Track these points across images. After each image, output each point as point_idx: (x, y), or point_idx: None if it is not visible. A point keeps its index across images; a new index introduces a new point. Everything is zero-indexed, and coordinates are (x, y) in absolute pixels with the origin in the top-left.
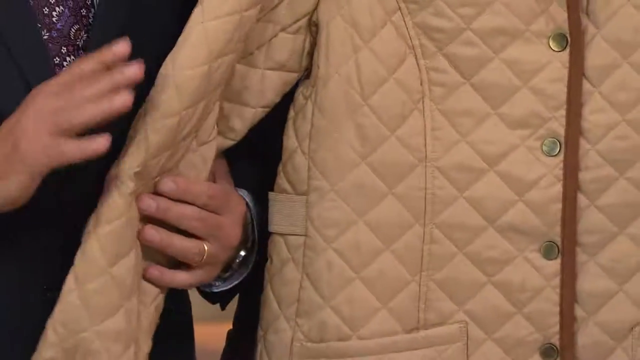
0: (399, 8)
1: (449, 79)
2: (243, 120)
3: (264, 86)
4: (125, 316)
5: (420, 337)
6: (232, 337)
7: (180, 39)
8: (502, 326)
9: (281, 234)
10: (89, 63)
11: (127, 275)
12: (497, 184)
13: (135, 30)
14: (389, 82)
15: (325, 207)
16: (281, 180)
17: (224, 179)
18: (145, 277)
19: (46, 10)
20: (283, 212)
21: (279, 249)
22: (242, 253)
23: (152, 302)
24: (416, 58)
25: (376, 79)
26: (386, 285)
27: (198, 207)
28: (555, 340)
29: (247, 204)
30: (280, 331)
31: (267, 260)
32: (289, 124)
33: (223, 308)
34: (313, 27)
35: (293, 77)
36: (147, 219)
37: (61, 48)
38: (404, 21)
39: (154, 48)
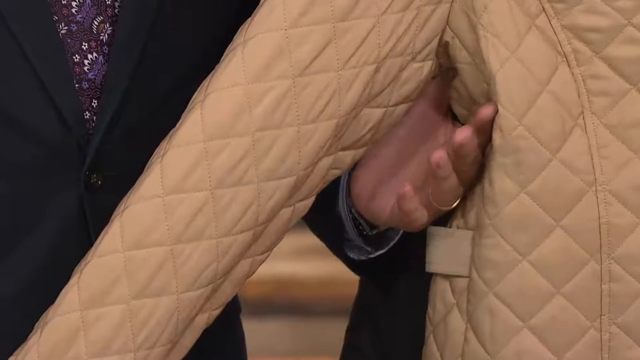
0: (543, 9)
1: (611, 86)
2: None
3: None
4: None
5: None
6: None
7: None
8: None
9: (445, 276)
10: None
11: None
12: None
13: (167, 22)
14: (543, 96)
15: (484, 245)
16: (457, 211)
17: None
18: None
19: (64, 0)
20: (447, 249)
21: (443, 292)
22: None
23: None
24: (569, 66)
25: (529, 94)
26: (560, 335)
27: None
28: None
29: None
30: None
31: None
32: None
33: (369, 276)
34: (440, 48)
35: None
36: None
37: (82, 44)
38: (551, 24)
39: (188, 41)
